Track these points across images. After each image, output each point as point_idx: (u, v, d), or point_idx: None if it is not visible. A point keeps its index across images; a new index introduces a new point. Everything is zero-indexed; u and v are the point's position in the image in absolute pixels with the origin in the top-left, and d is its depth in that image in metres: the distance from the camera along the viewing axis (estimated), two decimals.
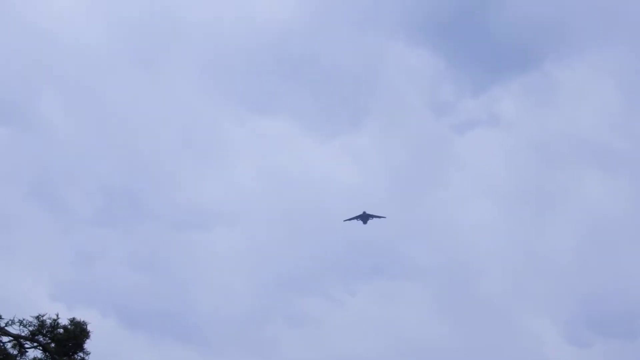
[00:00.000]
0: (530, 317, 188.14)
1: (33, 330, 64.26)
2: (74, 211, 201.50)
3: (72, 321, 65.00)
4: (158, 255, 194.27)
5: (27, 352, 64.25)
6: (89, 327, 64.94)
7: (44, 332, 64.34)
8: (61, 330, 64.53)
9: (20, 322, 64.00)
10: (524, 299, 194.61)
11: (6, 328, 63.72)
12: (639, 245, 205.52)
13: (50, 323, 64.51)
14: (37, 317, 64.46)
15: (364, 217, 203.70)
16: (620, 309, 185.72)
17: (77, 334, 64.51)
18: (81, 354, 64.82)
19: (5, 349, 63.75)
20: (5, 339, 64.05)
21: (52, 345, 64.37)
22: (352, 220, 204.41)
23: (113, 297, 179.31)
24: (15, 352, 63.89)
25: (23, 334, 64.12)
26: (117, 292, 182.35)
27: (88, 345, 65.03)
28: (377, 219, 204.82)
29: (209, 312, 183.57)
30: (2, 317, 63.79)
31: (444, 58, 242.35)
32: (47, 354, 64.33)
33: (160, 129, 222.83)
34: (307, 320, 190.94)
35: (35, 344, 64.33)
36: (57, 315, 64.67)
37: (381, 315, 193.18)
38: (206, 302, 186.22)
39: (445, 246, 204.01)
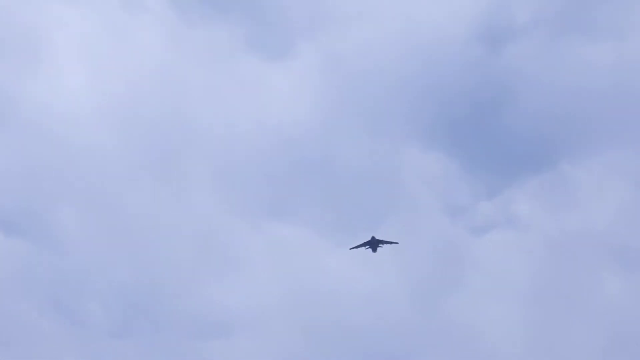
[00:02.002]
0: None
1: None
2: (90, 323, 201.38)
3: None
4: None
5: None
6: None
7: None
8: None
9: None
10: None
11: None
12: None
13: None
14: None
15: (373, 244, 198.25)
16: None
17: None
18: None
19: None
20: None
21: None
22: (360, 248, 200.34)
23: None
24: None
25: None
26: None
27: None
28: (388, 245, 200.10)
29: None
30: None
31: (459, 160, 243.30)
32: None
33: (175, 236, 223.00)
34: None
35: None
36: None
37: None
38: None
39: (465, 352, 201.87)
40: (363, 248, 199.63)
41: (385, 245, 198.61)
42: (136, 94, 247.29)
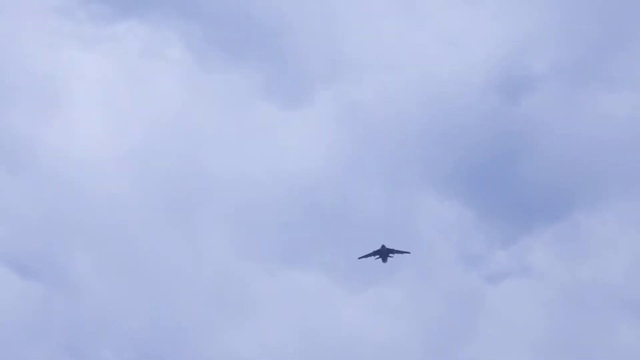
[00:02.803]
0: None
1: None
2: None
3: None
4: None
5: None
6: None
7: None
8: None
9: None
10: None
11: None
12: None
13: None
14: None
15: (383, 253, 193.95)
16: None
17: None
18: None
19: None
20: None
21: None
22: (369, 257, 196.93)
23: None
24: None
25: None
26: None
27: None
28: (399, 254, 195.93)
29: None
30: None
31: (474, 209, 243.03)
32: None
33: (190, 283, 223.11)
34: None
35: None
36: None
37: None
38: None
39: None
40: (373, 258, 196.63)
41: (396, 255, 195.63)
42: (153, 141, 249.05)
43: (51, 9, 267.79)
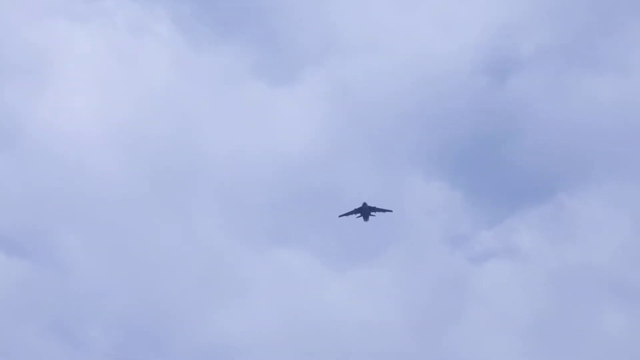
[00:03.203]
0: None
1: None
2: (91, 347, 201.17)
3: None
4: None
5: None
6: None
7: None
8: None
9: None
10: None
11: None
12: None
13: None
14: None
15: (365, 211, 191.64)
16: None
17: None
18: None
19: None
20: None
21: None
22: (350, 216, 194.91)
23: None
24: None
25: None
26: None
27: None
28: (382, 212, 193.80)
29: None
30: None
31: (461, 190, 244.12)
32: None
33: (179, 261, 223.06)
34: None
35: None
36: None
37: None
38: None
39: None
40: (354, 216, 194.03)
41: (378, 213, 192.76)
42: (142, 117, 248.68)
43: None
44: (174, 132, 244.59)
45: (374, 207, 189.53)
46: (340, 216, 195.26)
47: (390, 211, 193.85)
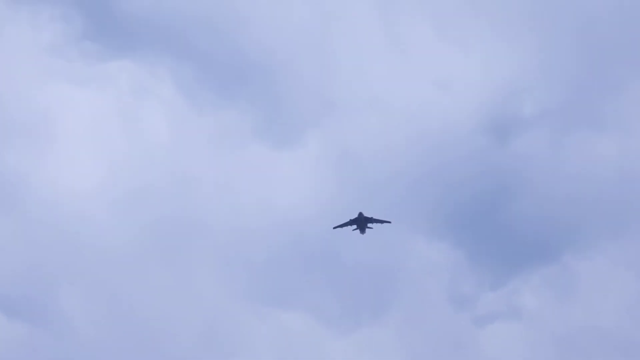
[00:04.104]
0: None
1: None
2: None
3: None
4: None
5: None
6: None
7: None
8: None
9: None
10: None
11: None
12: None
13: None
14: None
15: (361, 222, 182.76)
16: None
17: None
18: None
19: None
20: None
21: None
22: (346, 227, 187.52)
23: None
24: None
25: None
26: None
27: None
28: (379, 224, 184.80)
29: None
30: None
31: (464, 251, 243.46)
32: None
33: (180, 323, 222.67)
34: None
35: None
36: None
37: None
38: None
39: None
40: (350, 228, 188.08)
41: (376, 225, 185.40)
42: (144, 178, 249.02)
43: (43, 47, 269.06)
44: (175, 193, 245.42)
45: (371, 218, 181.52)
46: (334, 228, 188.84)
47: (389, 222, 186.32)
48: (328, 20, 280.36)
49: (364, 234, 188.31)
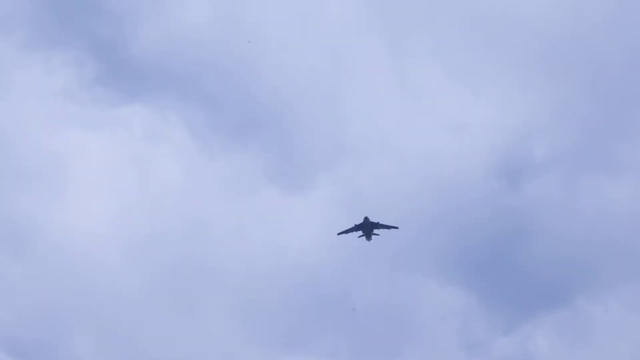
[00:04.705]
0: None
1: None
2: None
3: None
4: None
5: None
6: None
7: None
8: None
9: None
10: None
11: None
12: None
13: None
14: None
15: (367, 228, 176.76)
16: None
17: None
18: None
19: None
20: None
21: None
22: (350, 233, 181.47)
23: None
24: None
25: None
26: None
27: None
28: (386, 229, 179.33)
29: None
30: None
31: (477, 295, 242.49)
32: None
33: None
34: None
35: None
36: None
37: None
38: None
39: None
40: (356, 235, 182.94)
41: (382, 230, 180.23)
42: (156, 223, 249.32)
43: (57, 93, 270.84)
44: (186, 237, 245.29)
45: (377, 223, 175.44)
46: (339, 234, 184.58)
47: (396, 228, 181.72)
48: (339, 64, 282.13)
49: (370, 241, 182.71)
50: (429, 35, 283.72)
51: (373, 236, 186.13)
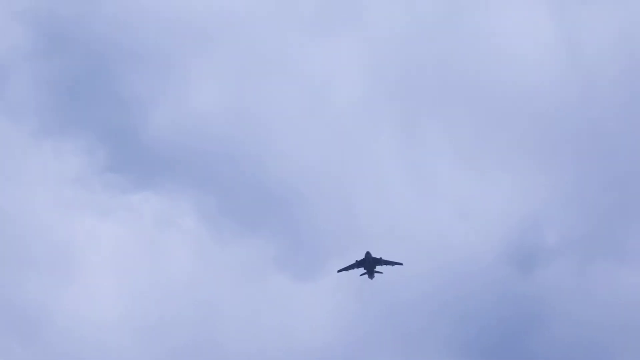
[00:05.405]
0: None
1: None
2: None
3: None
4: None
5: None
6: None
7: None
8: None
9: None
10: None
11: None
12: None
13: None
14: None
15: (369, 264, 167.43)
16: None
17: None
18: None
19: None
20: None
21: None
22: (351, 271, 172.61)
23: None
24: None
25: None
26: None
27: None
28: (390, 266, 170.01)
29: None
30: None
31: None
32: None
33: None
34: None
35: None
36: None
37: None
38: None
39: None
40: (356, 272, 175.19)
41: (386, 267, 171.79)
42: (166, 309, 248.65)
43: (68, 179, 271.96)
44: (197, 324, 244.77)
45: (380, 259, 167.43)
46: (339, 271, 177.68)
47: (400, 264, 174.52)
48: (349, 150, 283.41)
49: (373, 279, 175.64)
50: (438, 121, 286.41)
51: (376, 274, 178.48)
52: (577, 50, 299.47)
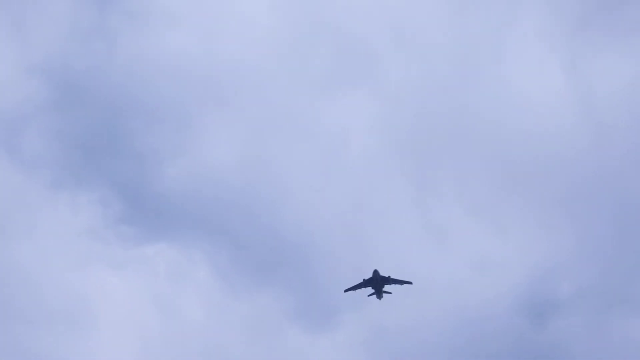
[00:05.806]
0: None
1: None
2: None
3: None
4: None
5: None
6: None
7: None
8: None
9: None
10: None
11: None
12: None
13: None
14: None
15: (377, 283, 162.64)
16: None
17: None
18: None
19: None
20: None
21: None
22: (358, 290, 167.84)
23: None
24: None
25: None
26: None
27: None
28: (399, 285, 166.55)
29: None
30: None
31: None
32: None
33: None
34: None
35: None
36: None
37: None
38: None
39: None
40: (364, 292, 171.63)
41: (395, 286, 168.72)
42: None
43: (81, 231, 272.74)
44: None
45: (389, 278, 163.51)
46: (346, 291, 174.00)
47: (410, 283, 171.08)
48: (363, 202, 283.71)
49: (381, 299, 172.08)
50: (452, 173, 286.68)
51: (385, 294, 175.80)
52: (589, 100, 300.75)
